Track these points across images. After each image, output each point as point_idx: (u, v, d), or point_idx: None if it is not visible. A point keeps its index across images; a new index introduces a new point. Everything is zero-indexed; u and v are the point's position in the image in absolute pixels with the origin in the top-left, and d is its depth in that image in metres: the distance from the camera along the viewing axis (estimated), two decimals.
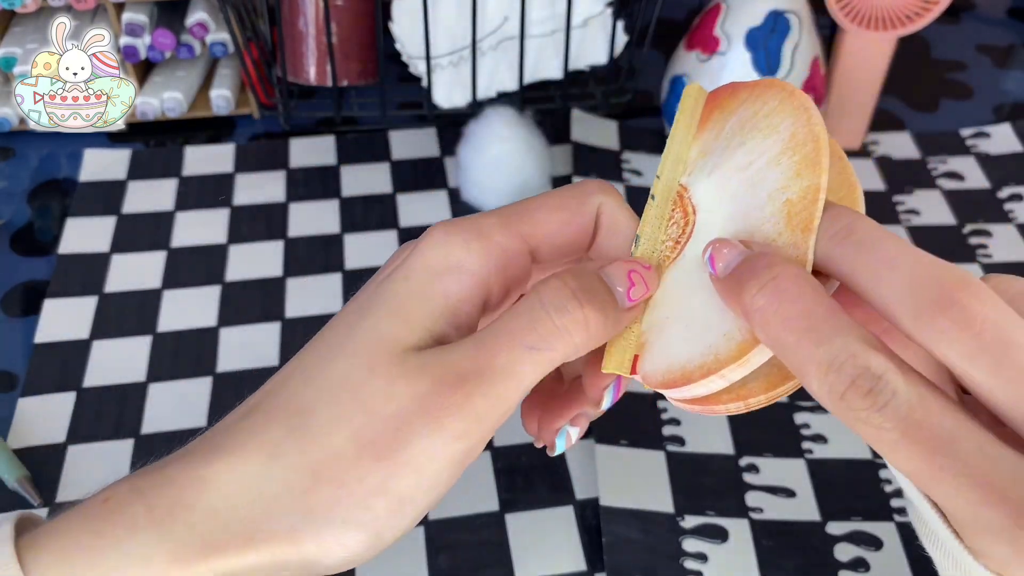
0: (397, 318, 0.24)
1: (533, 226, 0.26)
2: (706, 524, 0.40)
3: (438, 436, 0.23)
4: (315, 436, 0.23)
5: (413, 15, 0.56)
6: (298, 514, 0.22)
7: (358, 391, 0.23)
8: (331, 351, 0.24)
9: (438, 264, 0.24)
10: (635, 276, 0.24)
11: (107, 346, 0.47)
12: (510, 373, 0.23)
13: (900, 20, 0.53)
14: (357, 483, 0.22)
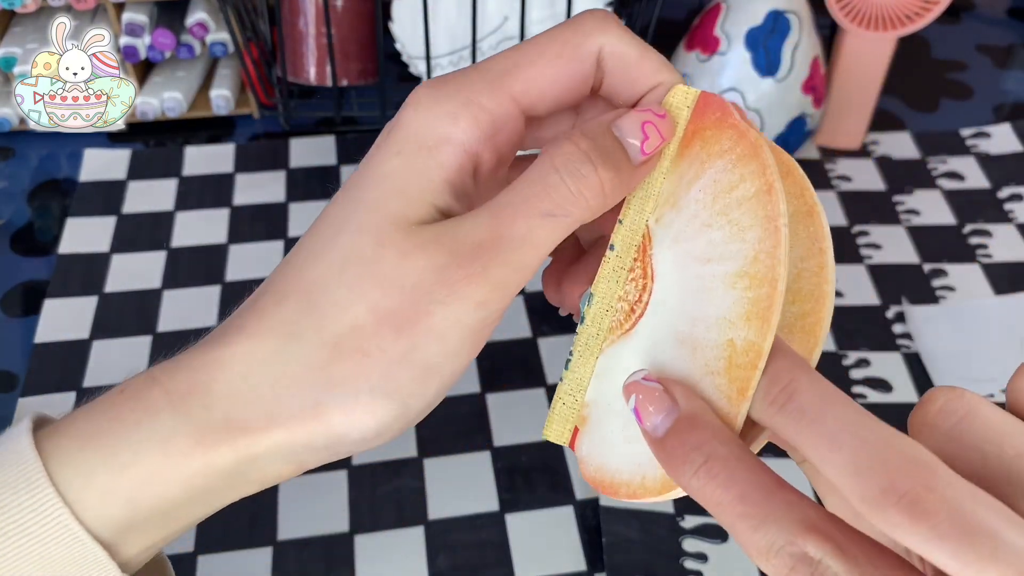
0: (397, 193, 0.23)
1: (526, 84, 0.24)
2: (706, 524, 0.40)
3: (459, 304, 0.22)
4: (330, 311, 0.22)
5: (413, 15, 0.56)
6: (321, 388, 0.22)
7: (370, 265, 0.22)
8: (335, 229, 0.24)
9: (426, 136, 0.23)
10: (648, 128, 0.23)
11: (107, 346, 0.47)
12: (527, 240, 0.22)
13: (900, 20, 0.53)
14: (380, 353, 0.22)
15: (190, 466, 0.22)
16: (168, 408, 0.22)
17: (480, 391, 0.45)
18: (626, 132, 0.23)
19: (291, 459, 0.23)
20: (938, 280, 0.51)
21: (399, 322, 0.22)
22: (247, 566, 0.38)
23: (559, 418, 0.25)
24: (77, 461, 0.22)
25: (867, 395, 0.45)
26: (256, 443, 0.22)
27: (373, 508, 0.41)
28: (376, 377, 0.22)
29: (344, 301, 0.22)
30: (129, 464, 0.22)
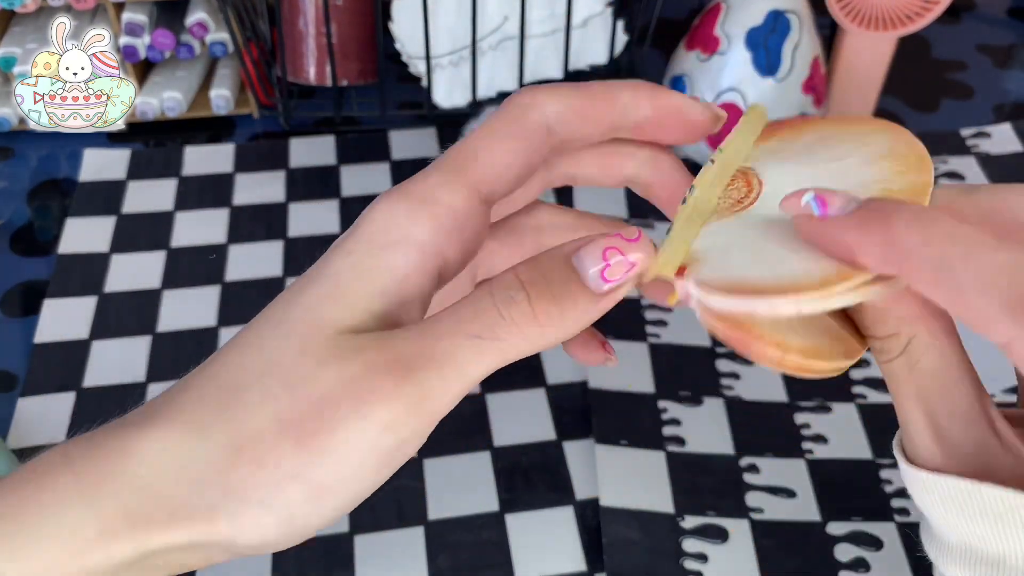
0: (335, 297, 0.22)
1: (481, 171, 0.24)
2: (706, 524, 0.40)
3: (364, 423, 0.21)
4: (241, 415, 0.22)
5: (413, 15, 0.56)
6: (218, 492, 0.21)
7: (287, 372, 0.21)
8: (266, 330, 0.23)
9: (381, 237, 0.23)
10: (610, 253, 0.22)
11: (107, 346, 0.47)
12: (450, 362, 0.21)
13: (900, 20, 0.53)
14: (274, 466, 0.21)
15: (92, 558, 0.21)
16: (77, 497, 0.21)
17: (480, 391, 0.45)
18: (584, 260, 0.22)
19: (192, 553, 0.22)
20: None
21: (300, 435, 0.21)
22: (247, 566, 0.38)
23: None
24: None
25: (867, 395, 0.45)
26: (155, 538, 0.21)
27: (373, 508, 0.41)
28: (266, 490, 0.21)
29: (254, 405, 0.22)
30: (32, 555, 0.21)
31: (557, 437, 0.43)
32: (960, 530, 0.24)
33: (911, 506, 0.41)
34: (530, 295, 0.21)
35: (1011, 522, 0.22)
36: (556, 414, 0.44)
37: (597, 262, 0.22)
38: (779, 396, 0.45)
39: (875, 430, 0.44)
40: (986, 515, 0.23)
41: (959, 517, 0.24)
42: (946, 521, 0.24)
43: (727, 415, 0.44)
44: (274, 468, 0.21)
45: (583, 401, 0.45)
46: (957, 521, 0.24)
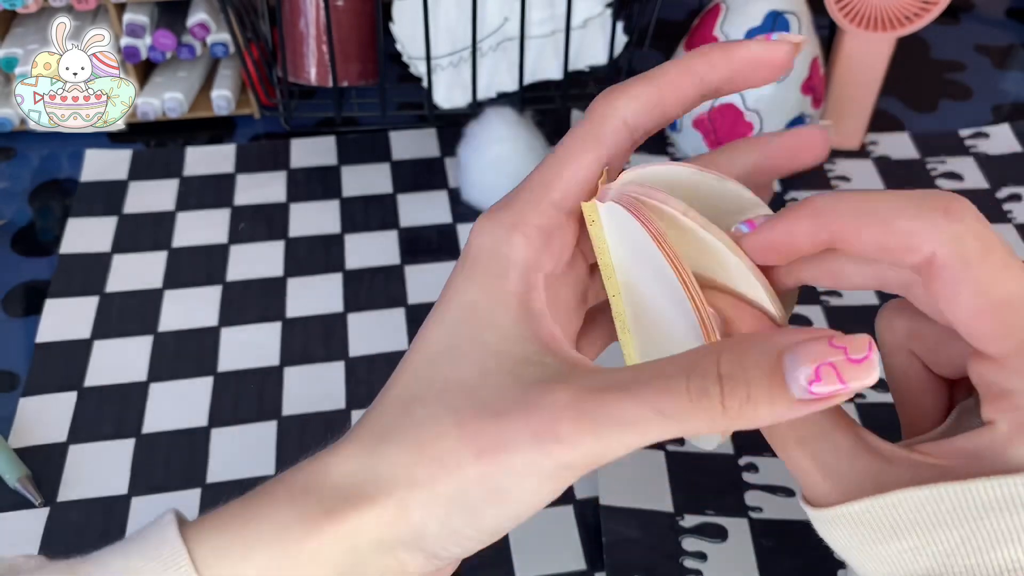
0: (489, 326, 0.25)
1: (563, 188, 0.26)
2: (705, 523, 0.40)
3: (542, 458, 0.22)
4: (422, 420, 0.24)
5: (414, 16, 0.56)
6: (404, 485, 0.24)
7: (469, 390, 0.24)
8: (437, 355, 0.25)
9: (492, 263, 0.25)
10: (824, 370, 0.20)
11: (108, 346, 0.47)
12: (632, 428, 0.22)
13: (899, 21, 0.53)
14: (457, 469, 0.23)
15: (303, 551, 0.24)
16: (287, 502, 0.24)
17: None
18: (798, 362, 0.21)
19: (389, 553, 0.24)
20: None
21: (481, 448, 0.23)
22: None
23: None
24: (214, 542, 0.24)
25: (866, 395, 0.45)
26: (355, 531, 0.24)
27: None
28: (452, 487, 0.23)
29: (437, 414, 0.24)
30: (255, 547, 0.24)
31: None
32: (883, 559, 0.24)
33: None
34: (724, 391, 0.21)
35: (925, 523, 0.23)
36: None
37: (810, 372, 0.20)
38: None
39: (874, 429, 0.44)
40: (899, 527, 0.23)
41: (874, 544, 0.24)
42: (865, 555, 0.24)
43: None
44: (456, 470, 0.23)
45: None
46: (874, 550, 0.24)
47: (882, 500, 0.23)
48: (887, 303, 0.28)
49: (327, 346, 0.47)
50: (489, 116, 0.53)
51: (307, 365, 0.46)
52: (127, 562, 0.24)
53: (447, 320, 0.26)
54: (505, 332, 0.24)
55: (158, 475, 0.42)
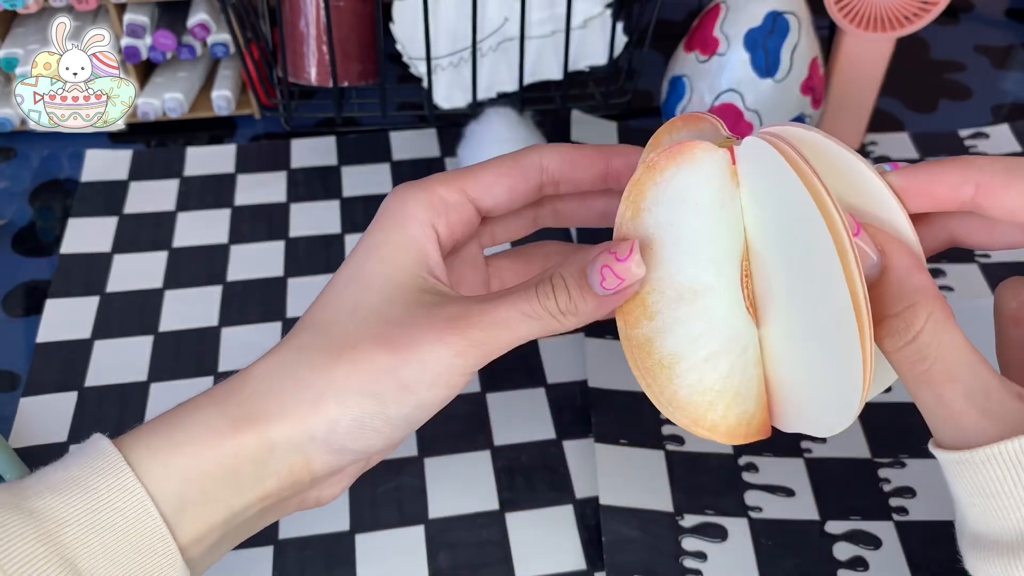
0: (392, 265, 0.30)
1: (475, 181, 0.31)
2: (705, 523, 0.40)
3: (442, 347, 0.28)
4: (337, 334, 0.29)
5: (414, 16, 0.56)
6: (323, 385, 0.28)
7: (377, 310, 0.29)
8: (344, 287, 0.30)
9: (398, 216, 0.31)
10: (606, 271, 0.28)
11: (109, 346, 0.47)
12: (505, 324, 0.28)
13: (899, 21, 0.53)
14: (369, 364, 0.28)
15: (224, 446, 0.28)
16: (211, 405, 0.29)
17: (480, 391, 0.45)
18: (592, 275, 0.28)
19: (300, 450, 0.29)
20: (937, 280, 0.51)
21: (392, 346, 0.28)
22: (248, 565, 0.39)
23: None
24: (145, 443, 0.28)
25: None
26: (272, 429, 0.28)
27: (374, 507, 0.41)
28: (365, 380, 0.28)
29: (351, 330, 0.29)
30: (182, 443, 0.28)
31: (557, 436, 0.44)
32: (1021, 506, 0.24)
33: (910, 505, 0.41)
34: (557, 296, 0.28)
35: None
36: (556, 413, 0.45)
37: (597, 275, 0.28)
38: None
39: (874, 429, 0.44)
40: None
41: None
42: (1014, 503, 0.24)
43: None
44: (369, 365, 0.28)
45: (583, 400, 0.45)
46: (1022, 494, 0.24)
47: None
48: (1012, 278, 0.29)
49: None
50: (489, 116, 0.53)
51: None
52: (67, 473, 0.27)
53: (355, 259, 0.31)
54: (405, 268, 0.30)
55: None
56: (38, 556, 0.25)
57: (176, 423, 0.28)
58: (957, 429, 0.25)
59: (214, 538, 0.29)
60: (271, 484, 0.29)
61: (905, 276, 0.26)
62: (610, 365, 0.46)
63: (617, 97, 0.60)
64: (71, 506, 0.26)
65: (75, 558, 0.25)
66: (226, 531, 0.29)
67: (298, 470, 0.29)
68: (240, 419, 0.28)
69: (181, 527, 0.27)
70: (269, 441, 0.28)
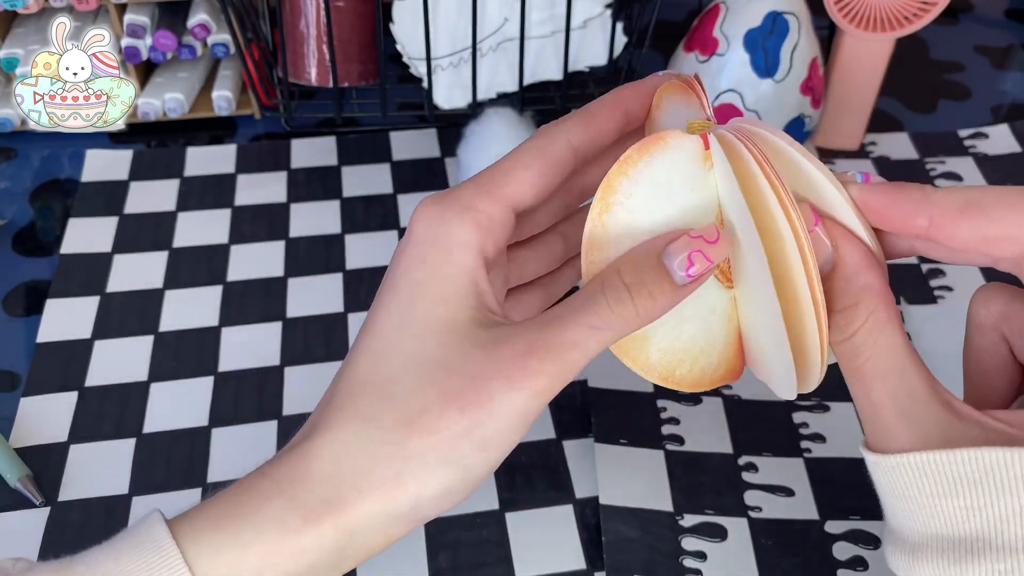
0: (441, 302, 0.27)
1: (513, 187, 0.29)
2: (705, 523, 0.40)
3: (516, 394, 0.26)
4: (403, 397, 0.26)
5: (414, 16, 0.56)
6: (399, 461, 0.26)
7: (439, 361, 0.27)
8: (392, 335, 0.28)
9: (441, 243, 0.28)
10: (696, 256, 0.27)
11: (109, 346, 0.47)
12: (576, 346, 0.26)
13: (898, 21, 0.54)
14: (446, 430, 0.26)
15: (300, 542, 0.26)
16: (277, 495, 0.26)
17: None
18: (673, 256, 0.27)
19: (381, 530, 0.27)
20: (936, 280, 0.52)
21: (463, 404, 0.26)
22: None
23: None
24: (207, 540, 0.25)
25: None
26: (351, 515, 0.26)
27: None
28: (444, 448, 0.26)
29: (416, 389, 0.26)
30: (251, 542, 0.25)
31: (557, 436, 0.44)
32: (935, 513, 0.24)
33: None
34: (632, 295, 0.27)
35: (990, 485, 0.23)
36: (556, 413, 0.45)
37: (683, 264, 0.27)
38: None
39: None
40: (962, 484, 0.24)
41: (933, 497, 0.24)
42: (917, 506, 0.25)
43: (726, 414, 0.44)
44: (445, 431, 0.26)
45: (583, 400, 0.45)
46: (931, 503, 0.24)
47: (955, 455, 0.24)
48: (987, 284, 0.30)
49: (327, 346, 0.47)
50: (489, 116, 0.53)
51: (307, 365, 0.47)
52: (119, 564, 0.25)
53: (399, 298, 0.28)
54: (457, 306, 0.27)
55: (159, 475, 0.42)
56: None
57: (241, 517, 0.26)
58: (878, 429, 0.26)
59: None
60: (347, 565, 0.27)
61: (852, 274, 0.26)
62: (610, 365, 0.46)
63: None
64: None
65: None
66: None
67: (377, 548, 0.27)
68: (313, 510, 0.26)
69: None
70: (348, 530, 0.26)
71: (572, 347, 0.26)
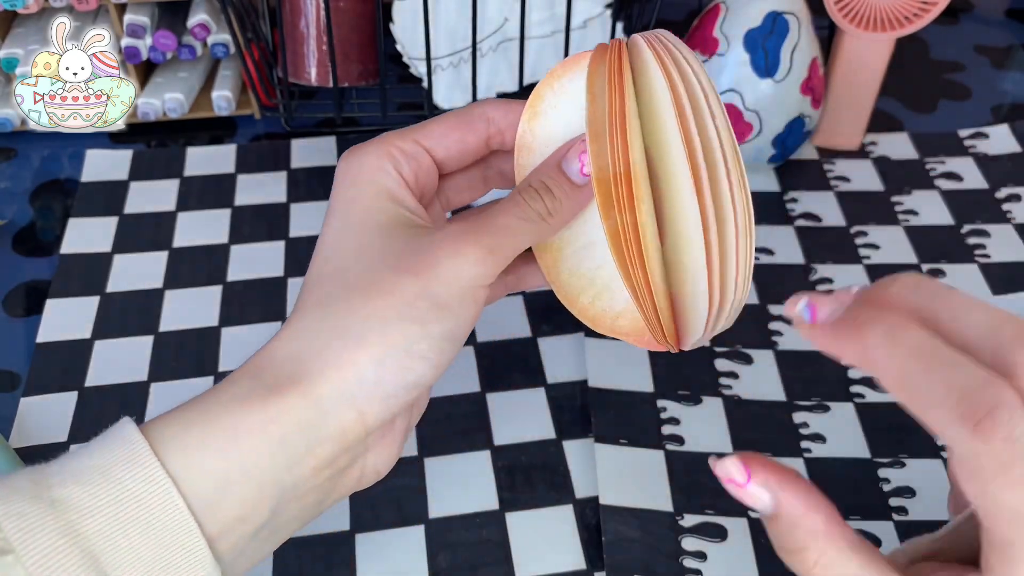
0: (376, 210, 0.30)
1: (427, 133, 0.33)
2: (705, 523, 0.40)
3: (461, 259, 0.29)
4: (356, 278, 0.29)
5: (414, 16, 0.56)
6: (358, 324, 0.28)
7: (384, 247, 0.29)
8: (341, 237, 0.30)
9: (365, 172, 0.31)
10: (585, 157, 0.31)
11: (109, 346, 0.47)
12: (507, 230, 0.30)
13: (898, 21, 0.54)
14: (401, 292, 0.28)
15: (266, 412, 0.27)
16: (245, 378, 0.28)
17: (480, 390, 0.45)
18: (571, 164, 0.31)
19: (349, 404, 0.28)
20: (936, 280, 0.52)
21: (416, 269, 0.28)
22: None
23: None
24: (179, 423, 0.27)
25: (865, 395, 0.45)
26: (316, 385, 0.27)
27: (374, 507, 0.41)
28: (400, 306, 0.28)
29: (367, 270, 0.29)
30: (218, 416, 0.27)
31: (557, 436, 0.44)
32: None
33: (909, 505, 0.41)
34: (541, 194, 0.31)
35: None
36: (556, 413, 0.45)
37: (576, 163, 0.31)
38: (777, 395, 0.45)
39: (873, 429, 0.44)
40: None
41: None
42: None
43: (726, 414, 0.44)
44: (401, 294, 0.28)
45: (582, 400, 0.45)
46: None
47: None
48: None
49: None
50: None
51: None
52: (91, 460, 0.26)
53: (337, 215, 0.31)
54: (390, 210, 0.30)
55: None
56: (59, 549, 0.24)
57: (210, 401, 0.27)
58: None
59: (260, 520, 0.27)
60: (325, 451, 0.28)
61: (796, 521, 0.27)
62: (610, 365, 0.46)
63: None
64: (95, 496, 0.25)
65: (97, 551, 0.24)
66: (278, 513, 0.28)
67: (351, 427, 0.28)
68: (278, 383, 0.27)
69: (221, 514, 0.26)
70: (317, 399, 0.27)
71: (503, 229, 0.30)
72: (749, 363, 0.47)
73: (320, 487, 0.29)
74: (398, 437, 0.32)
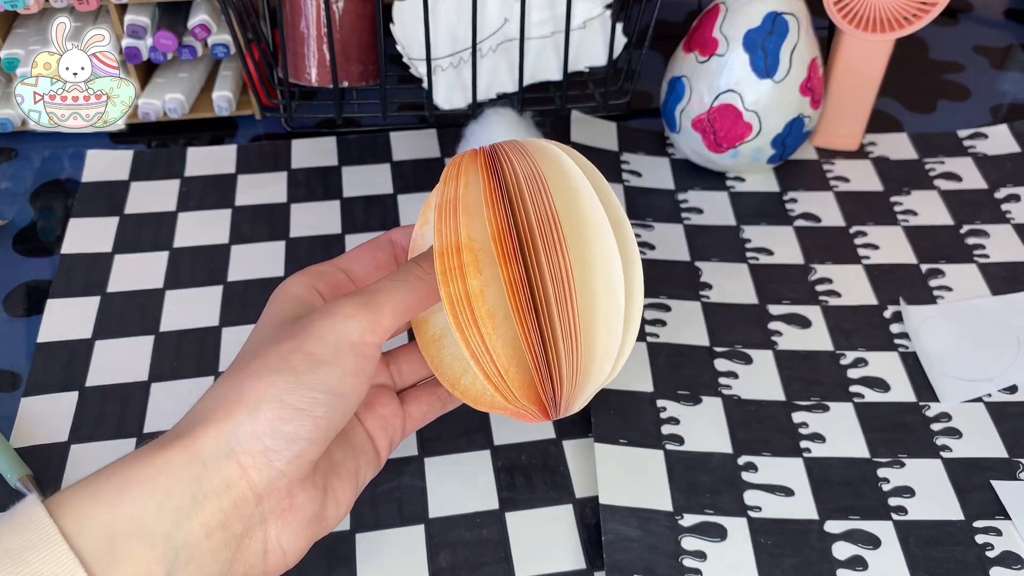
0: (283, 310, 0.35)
1: (347, 260, 0.38)
2: (705, 522, 0.40)
3: (332, 318, 0.32)
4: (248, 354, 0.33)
5: (414, 17, 0.56)
6: (238, 383, 0.31)
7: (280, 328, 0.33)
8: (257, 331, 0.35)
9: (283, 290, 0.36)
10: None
11: (109, 346, 0.47)
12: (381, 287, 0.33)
13: (898, 22, 0.54)
14: (276, 350, 0.31)
15: (153, 464, 0.29)
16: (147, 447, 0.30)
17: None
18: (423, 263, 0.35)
19: (230, 455, 0.30)
20: (935, 280, 0.52)
21: (292, 333, 0.32)
22: None
23: None
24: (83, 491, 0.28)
25: (864, 394, 0.45)
26: (197, 441, 0.29)
27: (374, 506, 0.41)
28: (274, 362, 0.31)
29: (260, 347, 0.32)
30: (113, 471, 0.29)
31: (557, 436, 0.44)
32: None
33: (909, 505, 0.41)
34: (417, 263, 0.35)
35: None
36: None
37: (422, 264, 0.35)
38: (777, 395, 0.45)
39: (872, 429, 0.44)
40: None
41: None
42: None
43: (725, 414, 0.44)
44: (276, 353, 0.31)
45: None
46: None
47: None
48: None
49: None
50: (489, 117, 0.53)
51: None
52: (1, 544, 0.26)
53: (260, 319, 0.35)
54: (299, 309, 0.34)
55: None
56: None
57: (116, 462, 0.29)
58: None
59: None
60: (212, 505, 0.29)
61: None
62: None
63: (617, 98, 0.60)
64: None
65: None
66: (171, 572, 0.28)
67: (235, 481, 0.29)
68: (168, 441, 0.29)
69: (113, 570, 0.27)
70: (199, 452, 0.29)
71: (376, 289, 0.33)
72: (749, 363, 0.47)
73: (216, 553, 0.29)
74: (302, 518, 0.32)
